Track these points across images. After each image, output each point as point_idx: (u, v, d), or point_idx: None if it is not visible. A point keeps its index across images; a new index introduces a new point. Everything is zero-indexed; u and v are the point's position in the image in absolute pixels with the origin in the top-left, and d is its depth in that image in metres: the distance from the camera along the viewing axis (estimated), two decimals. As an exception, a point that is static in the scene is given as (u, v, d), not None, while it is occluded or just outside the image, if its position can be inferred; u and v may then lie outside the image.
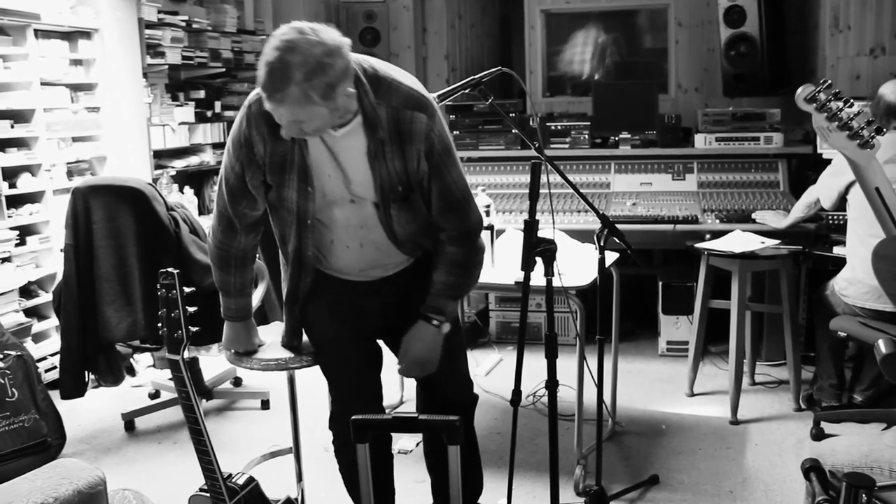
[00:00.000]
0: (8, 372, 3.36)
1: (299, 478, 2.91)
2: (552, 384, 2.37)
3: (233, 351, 2.59)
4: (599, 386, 2.91)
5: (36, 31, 4.14)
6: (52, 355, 4.11)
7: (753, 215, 4.22)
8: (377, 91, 2.11)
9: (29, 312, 4.15)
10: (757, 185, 4.61)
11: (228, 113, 5.47)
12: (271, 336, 2.67)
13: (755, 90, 5.01)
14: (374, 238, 2.31)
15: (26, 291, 4.18)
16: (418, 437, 3.53)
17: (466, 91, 2.77)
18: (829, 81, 2.42)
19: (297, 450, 2.90)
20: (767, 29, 4.83)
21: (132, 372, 4.09)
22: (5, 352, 3.41)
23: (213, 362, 4.38)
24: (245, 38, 5.54)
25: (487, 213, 3.37)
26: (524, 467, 3.31)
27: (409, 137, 2.14)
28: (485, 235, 2.47)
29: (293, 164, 2.19)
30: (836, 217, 4.00)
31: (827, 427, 3.52)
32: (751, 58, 4.87)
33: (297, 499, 2.91)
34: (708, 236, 3.99)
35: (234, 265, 2.44)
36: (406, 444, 3.49)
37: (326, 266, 2.41)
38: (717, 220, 4.27)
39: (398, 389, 4.02)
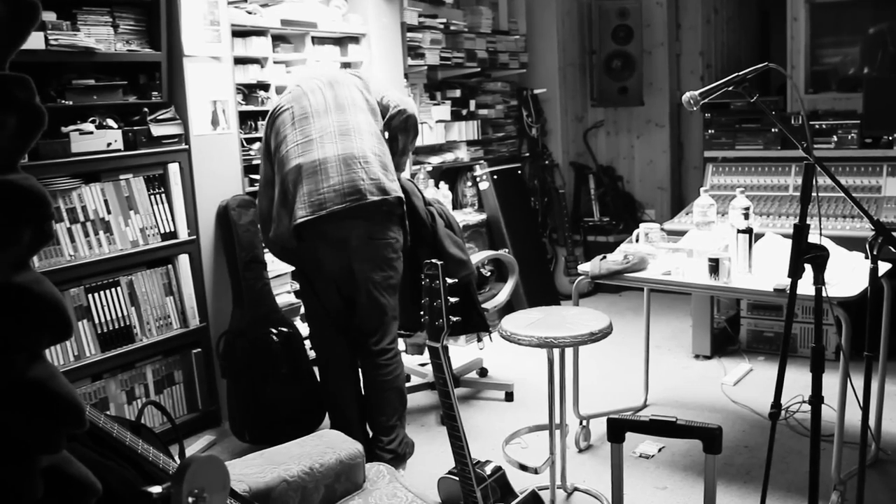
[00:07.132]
0: (281, 347, 3.71)
1: (562, 473, 2.98)
2: (817, 400, 2.23)
3: None
4: (865, 407, 2.70)
5: (313, 38, 4.52)
6: (316, 335, 4.45)
7: None
8: None
9: (297, 294, 4.53)
10: None
11: (482, 111, 5.65)
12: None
13: None
14: None
15: (296, 275, 4.57)
16: (660, 441, 3.47)
17: (730, 88, 2.67)
18: None
19: (553, 439, 2.97)
20: None
21: (385, 355, 4.34)
22: (279, 328, 3.77)
23: (461, 352, 4.57)
24: (499, 38, 5.69)
25: (746, 217, 3.23)
26: (773, 486, 3.14)
27: None
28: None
29: None
30: None
31: None
32: None
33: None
34: None
35: None
36: (647, 449, 3.44)
37: None
38: None
39: (642, 392, 3.97)
